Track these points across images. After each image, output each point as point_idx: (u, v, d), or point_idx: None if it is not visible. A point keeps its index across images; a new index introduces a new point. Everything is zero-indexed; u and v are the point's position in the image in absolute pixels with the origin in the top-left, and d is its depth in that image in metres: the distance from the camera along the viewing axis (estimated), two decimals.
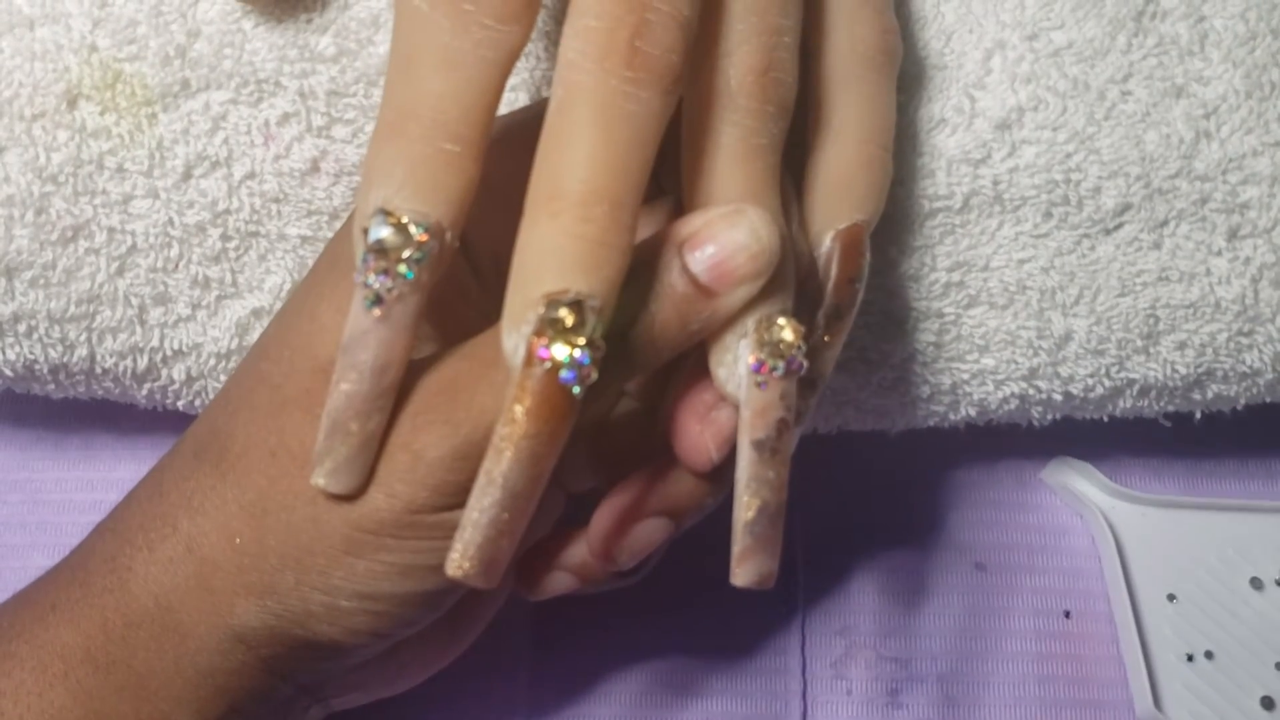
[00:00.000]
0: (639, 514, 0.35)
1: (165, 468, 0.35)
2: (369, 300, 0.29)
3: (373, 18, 0.38)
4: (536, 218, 0.28)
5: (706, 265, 0.30)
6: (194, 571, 0.32)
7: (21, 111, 0.37)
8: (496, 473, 0.28)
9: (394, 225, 0.28)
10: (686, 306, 0.30)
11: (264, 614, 0.32)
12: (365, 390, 0.30)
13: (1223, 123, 0.40)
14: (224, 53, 0.37)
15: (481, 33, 0.29)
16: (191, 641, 0.33)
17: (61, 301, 0.39)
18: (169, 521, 0.33)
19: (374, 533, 0.31)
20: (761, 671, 0.47)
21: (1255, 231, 0.41)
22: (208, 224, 0.39)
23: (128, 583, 0.33)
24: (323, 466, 0.31)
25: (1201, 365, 0.42)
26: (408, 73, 0.29)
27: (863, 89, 0.35)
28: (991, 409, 0.44)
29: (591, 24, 0.28)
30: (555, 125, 0.29)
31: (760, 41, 0.31)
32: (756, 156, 0.31)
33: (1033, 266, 0.41)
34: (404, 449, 0.31)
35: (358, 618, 0.33)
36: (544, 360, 0.28)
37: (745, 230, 0.30)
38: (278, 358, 0.33)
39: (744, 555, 0.32)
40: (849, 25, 0.35)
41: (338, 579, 0.32)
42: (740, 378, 0.31)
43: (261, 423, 0.32)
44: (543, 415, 0.28)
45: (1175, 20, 0.40)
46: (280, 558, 0.32)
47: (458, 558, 0.28)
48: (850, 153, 0.35)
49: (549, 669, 0.47)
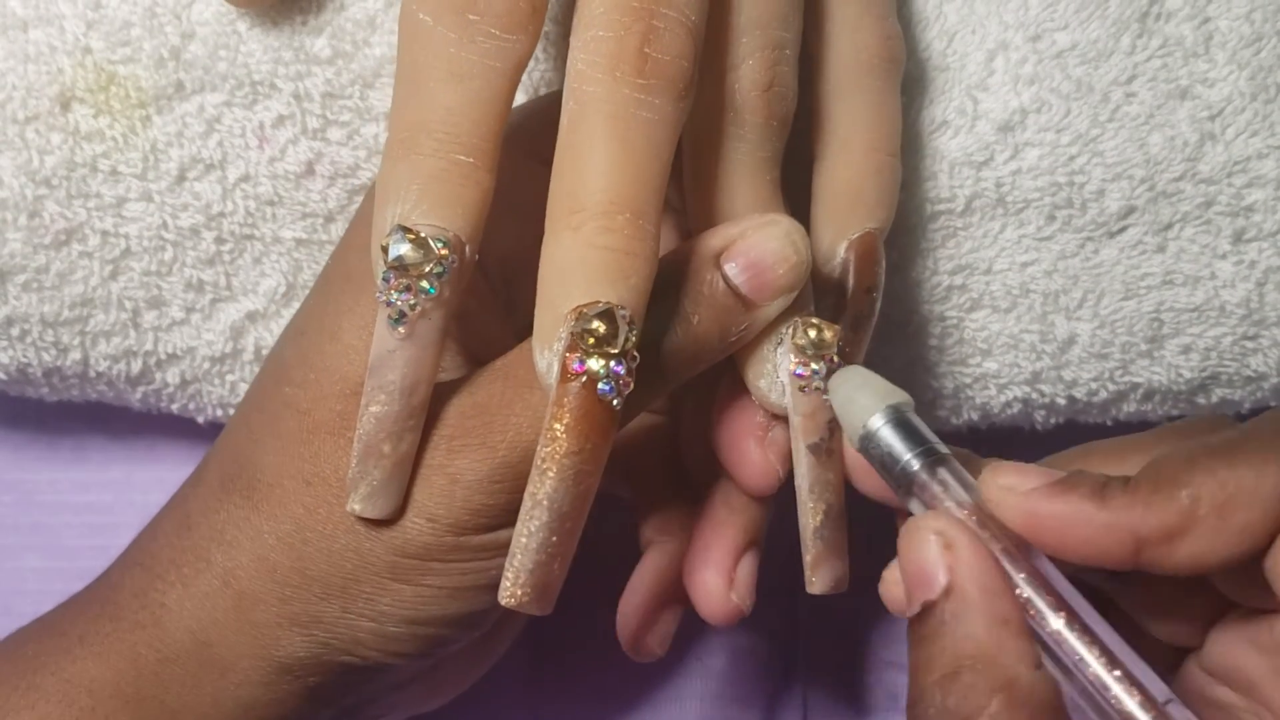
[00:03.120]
0: (737, 556, 0.35)
1: (189, 499, 0.34)
2: (393, 319, 0.29)
3: (368, 19, 0.37)
4: (558, 232, 0.28)
5: (746, 276, 0.30)
6: (233, 605, 0.32)
7: (14, 114, 0.37)
8: (541, 494, 0.28)
9: (413, 241, 0.28)
10: (727, 318, 0.31)
11: (310, 644, 0.32)
12: (396, 411, 0.30)
13: (1228, 125, 0.40)
14: (218, 55, 0.37)
15: (488, 43, 0.29)
16: (233, 675, 0.32)
17: (55, 305, 0.39)
18: (201, 555, 0.32)
19: (419, 558, 0.31)
20: (762, 675, 0.47)
21: (1261, 235, 0.40)
22: (202, 227, 0.39)
23: (161, 619, 0.32)
24: (358, 492, 0.30)
25: (1206, 369, 0.42)
26: (416, 87, 0.29)
27: (868, 97, 0.35)
28: (994, 413, 0.44)
29: (600, 34, 0.28)
30: (570, 139, 0.28)
31: (764, 56, 0.32)
32: (764, 170, 0.32)
33: (1036, 270, 0.41)
34: (440, 472, 0.31)
35: (405, 642, 0.32)
36: (579, 374, 0.27)
37: (783, 240, 0.30)
38: (302, 381, 0.32)
39: (818, 561, 0.32)
40: (851, 33, 0.35)
41: (385, 605, 0.32)
42: (783, 386, 0.32)
43: (293, 451, 0.32)
44: (583, 431, 0.27)
45: (1180, 21, 0.40)
46: (325, 587, 0.31)
47: (510, 585, 0.28)
48: (859, 161, 0.35)
49: (548, 670, 0.47)
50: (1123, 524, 0.27)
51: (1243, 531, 0.26)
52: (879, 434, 0.29)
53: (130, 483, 0.47)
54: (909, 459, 0.29)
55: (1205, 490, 0.26)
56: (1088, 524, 0.27)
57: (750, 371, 0.32)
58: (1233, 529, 0.26)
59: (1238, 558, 0.27)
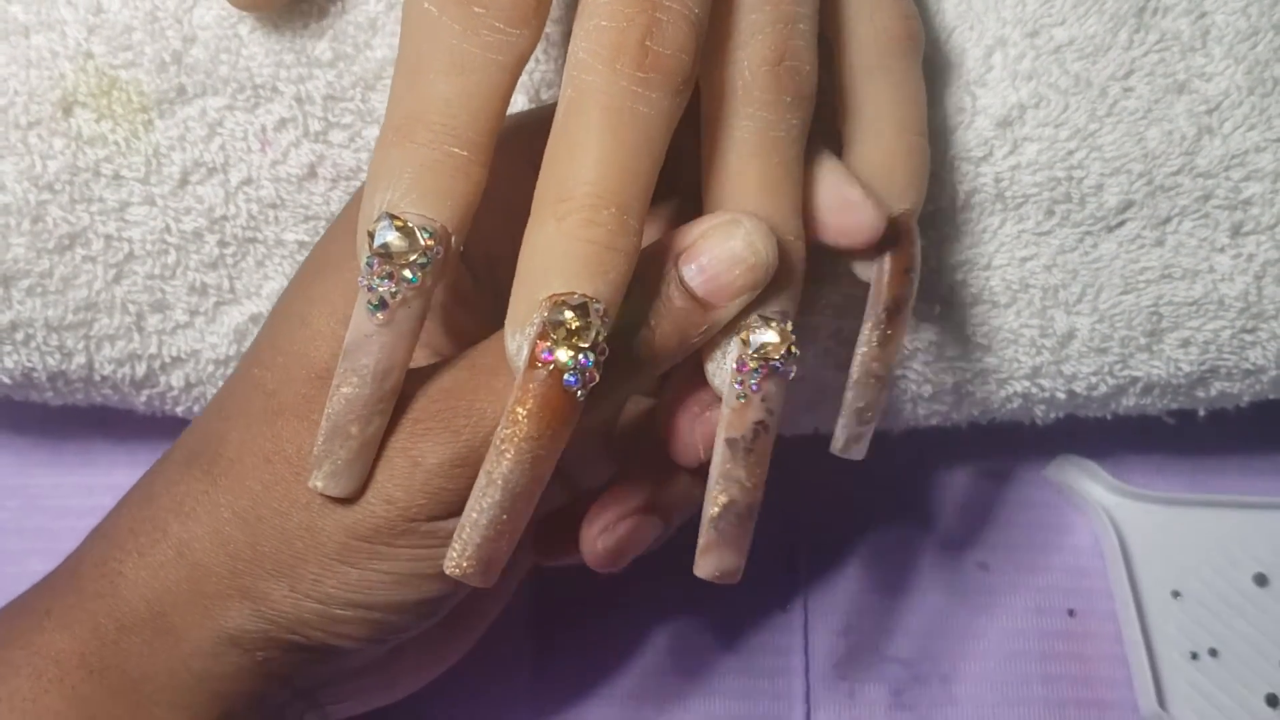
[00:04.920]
0: (630, 512, 0.35)
1: (156, 474, 0.34)
2: (373, 304, 0.29)
3: (370, 21, 0.37)
4: (543, 219, 0.28)
5: (703, 279, 0.30)
6: (186, 575, 0.32)
7: (17, 119, 0.37)
8: (497, 474, 0.28)
9: (400, 229, 0.28)
10: (684, 320, 0.31)
11: (257, 618, 0.32)
12: (367, 394, 0.30)
13: (1225, 119, 0.40)
14: (220, 58, 0.37)
15: (491, 36, 0.29)
16: (185, 645, 0.32)
17: (59, 309, 0.39)
18: (159, 526, 0.33)
19: (369, 540, 0.31)
20: (764, 672, 0.47)
21: (1259, 228, 0.40)
22: (205, 230, 0.39)
23: (119, 587, 0.33)
24: (321, 469, 0.31)
25: (1205, 363, 0.42)
26: (416, 76, 0.29)
27: (891, 77, 0.35)
28: (994, 408, 0.44)
29: (602, 24, 0.28)
30: (564, 126, 0.29)
31: (774, 31, 0.31)
32: (774, 150, 0.31)
33: (1035, 264, 0.41)
34: (403, 455, 0.31)
35: (352, 624, 0.33)
36: (547, 362, 0.28)
37: (741, 242, 0.30)
38: (270, 363, 0.33)
39: (706, 549, 0.32)
40: (870, 14, 0.35)
41: (331, 587, 0.32)
42: (726, 375, 0.31)
43: (256, 429, 0.32)
44: (544, 418, 0.28)
45: (1177, 16, 0.40)
46: (274, 564, 0.32)
47: (456, 556, 0.28)
48: (889, 142, 0.35)
49: (550, 669, 0.47)
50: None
51: None
52: None
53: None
54: None
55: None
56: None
57: (705, 353, 0.32)
58: None
59: None
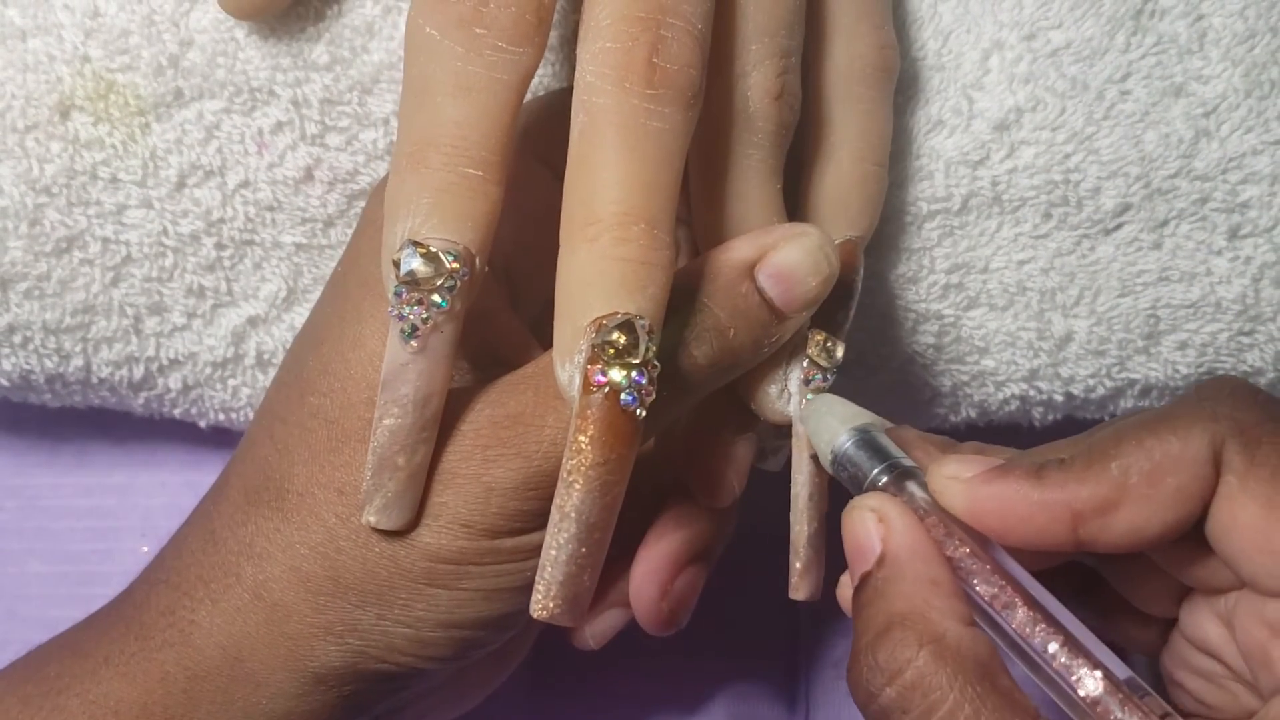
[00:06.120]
0: (677, 569, 0.35)
1: (213, 515, 0.33)
2: (405, 332, 0.29)
3: (366, 25, 0.37)
4: (574, 245, 0.28)
5: (781, 288, 0.31)
6: (265, 618, 0.32)
7: (14, 123, 0.37)
8: (569, 506, 0.28)
9: (424, 255, 0.28)
10: (760, 329, 0.31)
11: (345, 652, 0.32)
12: (409, 424, 0.30)
13: (1222, 121, 0.40)
14: (217, 62, 0.37)
15: (495, 55, 0.29)
16: (266, 689, 0.32)
17: (56, 312, 0.39)
18: (231, 570, 0.32)
19: (454, 562, 0.31)
20: (763, 672, 0.47)
21: (1256, 231, 0.40)
22: (202, 233, 0.39)
23: (191, 636, 0.32)
24: (373, 504, 0.30)
25: (1203, 365, 0.42)
26: (423, 100, 0.29)
27: (860, 105, 0.35)
28: (992, 410, 0.44)
29: (608, 45, 0.28)
30: (581, 151, 0.29)
31: (773, 64, 0.32)
32: (774, 178, 0.32)
33: (1032, 267, 0.41)
34: (476, 481, 0.31)
35: (441, 645, 0.32)
36: (602, 385, 0.27)
37: (816, 252, 0.31)
38: (328, 390, 0.32)
39: (807, 569, 0.33)
40: (847, 43, 0.35)
41: (420, 610, 0.32)
42: (791, 395, 0.32)
43: (323, 460, 0.32)
44: (608, 441, 0.28)
45: (1174, 19, 0.40)
46: (360, 595, 0.31)
47: (541, 598, 0.28)
48: (845, 170, 0.35)
49: (549, 669, 0.47)
50: (1058, 500, 0.27)
51: (1173, 497, 0.27)
52: (846, 452, 0.30)
53: (133, 488, 0.47)
54: (876, 473, 0.30)
55: (1134, 460, 0.27)
56: (1025, 502, 0.27)
57: (756, 378, 0.32)
58: (1163, 496, 0.27)
59: (1173, 525, 0.27)
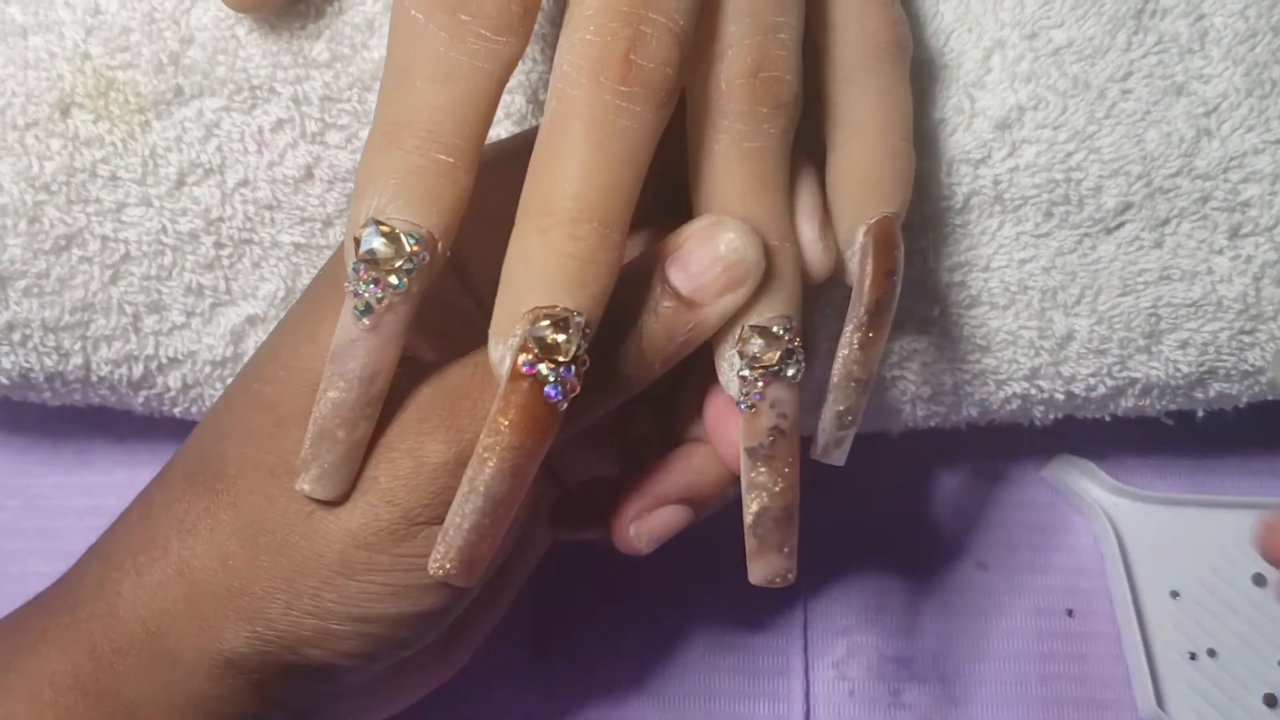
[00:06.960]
0: (661, 500, 0.35)
1: (154, 491, 0.34)
2: (359, 309, 0.29)
3: (366, 22, 0.37)
4: (526, 232, 0.28)
5: (685, 276, 0.31)
6: (184, 595, 0.32)
7: (14, 120, 0.37)
8: (479, 481, 0.28)
9: (386, 235, 0.29)
10: (671, 318, 0.31)
11: (254, 640, 0.32)
12: (353, 398, 0.30)
13: (1223, 120, 0.40)
14: (217, 59, 0.37)
15: (478, 44, 0.29)
16: (181, 668, 0.32)
17: (56, 310, 0.39)
18: (159, 544, 0.32)
19: (369, 547, 0.31)
20: (764, 671, 0.47)
21: (1257, 230, 0.40)
22: (201, 232, 0.39)
23: (116, 608, 0.32)
24: (308, 472, 0.31)
25: (1204, 364, 0.42)
26: (403, 82, 0.29)
27: (877, 81, 0.35)
28: (993, 409, 0.44)
29: (587, 37, 0.28)
30: (548, 138, 0.29)
31: (753, 42, 0.31)
32: (750, 161, 0.31)
33: (1034, 266, 0.41)
34: (408, 454, 0.31)
35: (351, 641, 0.32)
36: (529, 375, 0.28)
37: (721, 242, 0.31)
38: (272, 378, 0.33)
39: (752, 555, 0.33)
40: (859, 19, 0.34)
41: (330, 602, 0.32)
42: (734, 387, 0.32)
43: (258, 443, 0.32)
44: (525, 428, 0.28)
45: (1175, 18, 0.40)
46: (271, 579, 0.32)
47: (440, 558, 0.29)
48: (872, 146, 0.34)
49: (549, 669, 0.47)
50: None
51: None
52: None
53: (134, 486, 0.46)
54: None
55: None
56: None
57: (716, 364, 0.32)
58: None
59: None
